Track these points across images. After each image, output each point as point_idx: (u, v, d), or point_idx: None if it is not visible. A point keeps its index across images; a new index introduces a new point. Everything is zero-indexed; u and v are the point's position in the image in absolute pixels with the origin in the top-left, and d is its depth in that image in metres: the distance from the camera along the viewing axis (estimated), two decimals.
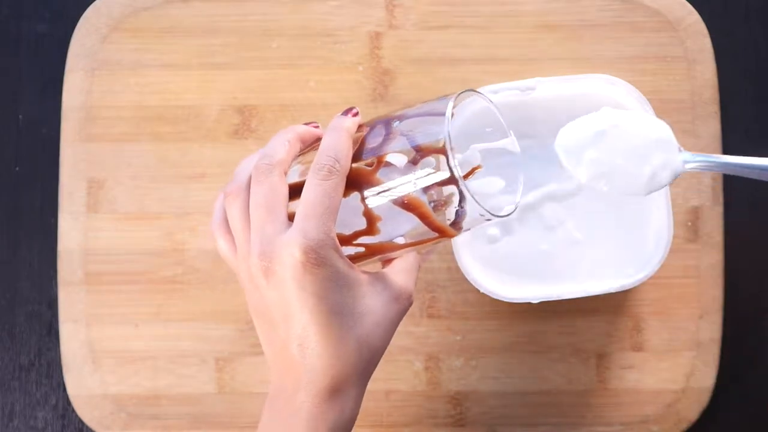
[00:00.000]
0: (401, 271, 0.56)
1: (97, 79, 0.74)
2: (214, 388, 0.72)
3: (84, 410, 0.72)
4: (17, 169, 0.76)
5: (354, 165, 0.54)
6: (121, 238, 0.73)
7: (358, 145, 0.55)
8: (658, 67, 0.73)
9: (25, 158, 0.75)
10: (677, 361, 0.71)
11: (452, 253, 0.67)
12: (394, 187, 0.53)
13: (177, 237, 0.73)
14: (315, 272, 0.51)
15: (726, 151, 0.73)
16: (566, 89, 0.68)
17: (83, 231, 0.73)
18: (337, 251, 0.52)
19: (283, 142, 0.55)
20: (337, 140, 0.54)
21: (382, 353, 0.55)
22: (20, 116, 0.76)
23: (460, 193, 0.52)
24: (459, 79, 0.73)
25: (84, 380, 0.72)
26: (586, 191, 0.69)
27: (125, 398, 0.72)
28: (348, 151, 0.54)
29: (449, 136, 0.52)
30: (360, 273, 0.54)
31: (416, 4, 0.74)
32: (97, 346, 0.72)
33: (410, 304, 0.56)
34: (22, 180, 0.75)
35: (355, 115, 0.56)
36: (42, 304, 0.74)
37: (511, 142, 0.58)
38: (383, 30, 0.74)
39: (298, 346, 0.52)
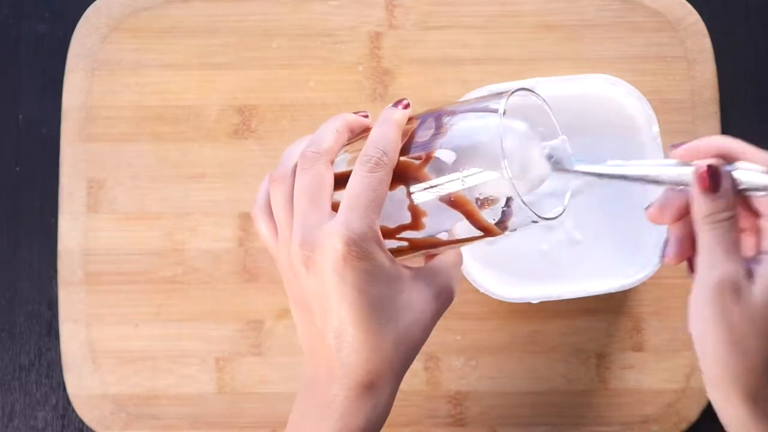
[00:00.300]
0: (443, 267, 0.55)
1: (97, 79, 0.74)
2: (214, 388, 0.72)
3: (84, 410, 0.72)
4: (17, 169, 0.76)
5: (402, 158, 0.53)
6: (121, 238, 0.73)
7: (407, 138, 0.54)
8: (658, 67, 0.73)
9: (25, 158, 0.75)
10: (677, 361, 0.71)
11: None
12: (442, 184, 0.52)
13: (177, 237, 0.73)
14: (356, 265, 0.51)
15: None
16: (566, 89, 0.68)
17: (83, 231, 0.73)
18: (380, 245, 0.51)
19: (332, 130, 0.54)
20: (387, 132, 0.53)
21: (419, 349, 0.54)
22: (20, 116, 0.76)
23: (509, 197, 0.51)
24: (459, 79, 0.73)
25: (84, 380, 0.72)
26: (586, 191, 0.69)
27: (125, 398, 0.72)
28: (396, 144, 0.53)
29: (501, 137, 0.51)
30: (401, 267, 0.53)
31: (416, 4, 0.74)
32: (97, 346, 0.72)
33: (450, 301, 0.55)
34: (22, 180, 0.75)
35: (406, 107, 0.55)
36: (42, 304, 0.74)
37: (561, 142, 0.57)
38: (383, 30, 0.74)
39: (335, 338, 0.51)
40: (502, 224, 0.53)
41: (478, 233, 0.53)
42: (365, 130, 0.56)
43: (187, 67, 0.74)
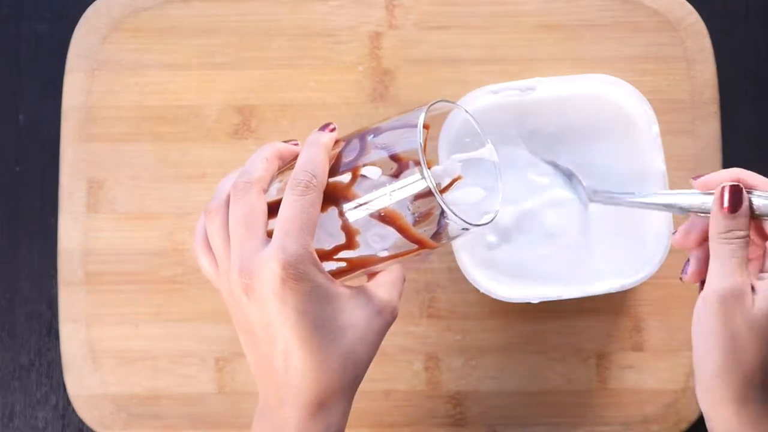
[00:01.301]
0: (384, 284, 0.56)
1: (97, 79, 0.74)
2: (214, 388, 0.72)
3: (84, 410, 0.72)
4: (17, 169, 0.76)
5: (331, 180, 0.54)
6: (121, 238, 0.73)
7: (334, 160, 0.54)
8: (658, 67, 0.73)
9: (25, 158, 0.75)
10: (677, 361, 0.72)
11: (452, 254, 0.67)
12: (371, 200, 0.53)
13: (177, 237, 0.73)
14: (295, 287, 0.51)
15: (726, 151, 0.73)
16: (566, 89, 0.68)
17: (83, 231, 0.73)
18: (317, 266, 0.52)
19: (261, 160, 0.55)
20: (314, 155, 0.54)
21: (367, 366, 0.55)
22: (20, 116, 0.76)
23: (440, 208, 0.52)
24: (459, 79, 0.73)
25: (84, 380, 0.72)
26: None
27: (125, 398, 0.72)
28: (324, 166, 0.54)
29: (421, 146, 0.51)
30: (341, 287, 0.54)
31: (416, 4, 0.74)
32: (97, 346, 0.72)
33: (394, 318, 0.56)
34: (22, 180, 0.75)
35: (332, 130, 0.56)
36: (42, 304, 0.74)
37: (488, 152, 0.58)
38: (383, 30, 0.74)
39: (282, 361, 0.52)
40: (438, 236, 0.54)
41: (414, 246, 0.54)
42: (296, 158, 0.56)
43: (187, 67, 0.74)
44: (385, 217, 0.53)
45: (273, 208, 0.54)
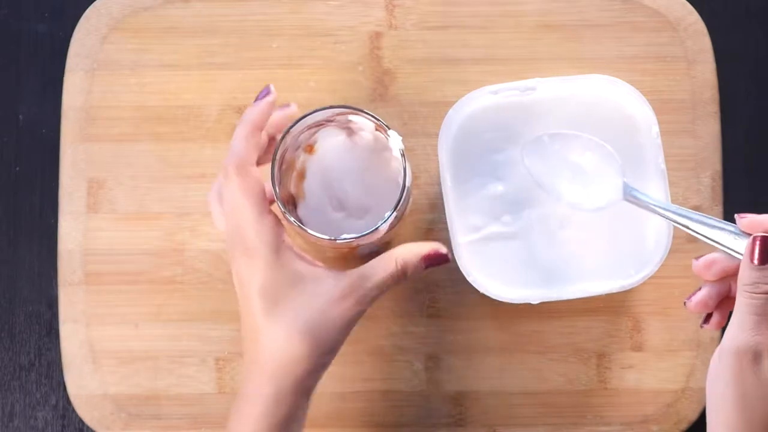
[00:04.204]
0: (361, 273, 0.59)
1: (97, 79, 0.74)
2: (214, 388, 0.72)
3: (84, 410, 0.72)
4: (17, 169, 0.76)
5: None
6: (121, 238, 0.73)
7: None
8: (658, 67, 0.73)
9: (25, 158, 0.75)
10: (677, 361, 0.71)
11: (452, 254, 0.67)
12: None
13: (177, 237, 0.72)
14: (242, 261, 0.59)
15: (726, 150, 0.73)
16: (566, 89, 0.68)
17: (83, 231, 0.73)
18: (283, 243, 0.59)
19: (241, 138, 0.61)
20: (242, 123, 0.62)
21: (332, 348, 0.59)
22: (20, 116, 0.76)
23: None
24: (459, 79, 0.73)
25: (84, 380, 0.72)
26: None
27: (125, 398, 0.72)
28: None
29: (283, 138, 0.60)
30: (310, 266, 0.58)
31: (416, 4, 0.74)
32: (97, 346, 0.72)
33: (361, 306, 0.58)
34: (22, 180, 0.75)
35: (267, 95, 0.63)
36: (42, 304, 0.74)
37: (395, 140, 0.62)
38: (383, 30, 0.74)
39: (248, 330, 0.59)
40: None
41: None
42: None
43: (187, 67, 0.74)
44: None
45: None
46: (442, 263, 0.60)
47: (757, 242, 0.53)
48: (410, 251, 0.60)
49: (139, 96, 0.74)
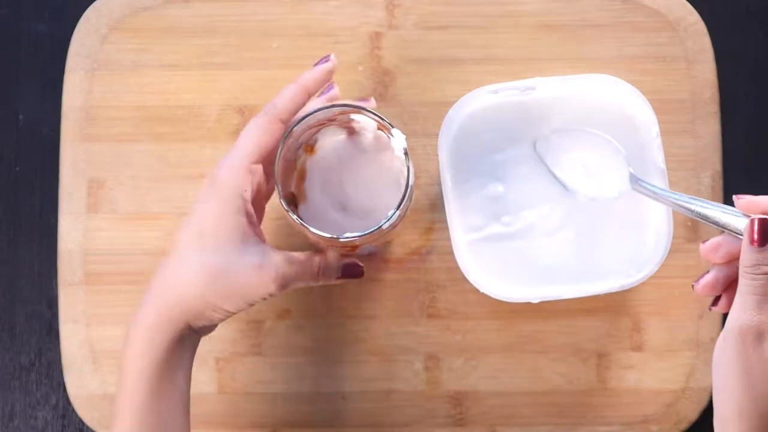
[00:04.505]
0: (290, 257, 0.61)
1: (97, 79, 0.74)
2: (214, 388, 0.72)
3: (84, 410, 0.72)
4: (17, 169, 0.76)
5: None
6: (121, 238, 0.73)
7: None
8: (658, 67, 0.73)
9: (25, 158, 0.75)
10: (677, 361, 0.71)
11: (452, 254, 0.67)
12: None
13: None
14: (208, 191, 0.60)
15: (726, 150, 0.73)
16: (566, 89, 0.68)
17: (83, 231, 0.73)
18: (237, 186, 0.60)
19: (287, 94, 0.62)
20: (287, 90, 0.63)
21: (229, 303, 0.60)
22: (20, 116, 0.76)
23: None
24: (459, 79, 0.73)
25: (84, 380, 0.72)
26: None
27: None
28: (289, 99, 0.62)
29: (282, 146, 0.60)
30: (252, 233, 0.60)
31: (416, 4, 0.74)
32: (97, 346, 0.72)
33: (274, 287, 0.60)
34: (22, 180, 0.75)
35: (326, 61, 0.64)
36: (42, 304, 0.74)
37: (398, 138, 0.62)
38: (383, 30, 0.74)
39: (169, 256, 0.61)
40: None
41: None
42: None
43: (187, 67, 0.74)
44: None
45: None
46: (357, 276, 0.64)
47: (755, 224, 0.54)
48: (333, 257, 0.63)
49: (139, 96, 0.74)
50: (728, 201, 0.72)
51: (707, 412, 0.71)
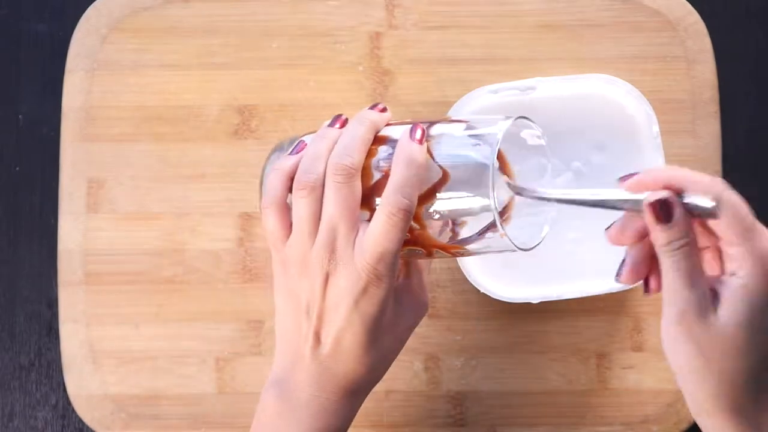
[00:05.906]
0: (421, 285, 0.60)
1: (97, 79, 0.74)
2: (214, 388, 0.72)
3: (84, 410, 0.72)
4: (17, 169, 0.76)
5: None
6: (121, 238, 0.73)
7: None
8: (658, 67, 0.73)
9: (25, 158, 0.75)
10: None
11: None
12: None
13: (177, 237, 0.72)
14: (373, 293, 0.54)
15: (726, 150, 0.73)
16: (566, 89, 0.68)
17: (83, 231, 0.73)
18: (394, 270, 0.54)
19: (363, 140, 0.56)
20: (407, 177, 0.54)
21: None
22: (20, 116, 0.76)
23: (491, 223, 0.54)
24: (459, 79, 0.73)
25: (84, 380, 0.72)
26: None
27: (125, 398, 0.72)
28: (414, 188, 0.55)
29: (494, 167, 0.53)
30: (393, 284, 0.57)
31: (416, 4, 0.74)
32: (97, 346, 0.72)
33: (425, 315, 0.60)
34: (22, 180, 0.75)
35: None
36: (42, 304, 0.74)
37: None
38: (383, 30, 0.74)
39: (330, 345, 0.55)
40: (465, 243, 0.56)
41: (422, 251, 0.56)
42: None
43: (187, 67, 0.74)
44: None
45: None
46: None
47: (656, 206, 0.51)
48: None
49: (139, 96, 0.74)
50: None
51: None
